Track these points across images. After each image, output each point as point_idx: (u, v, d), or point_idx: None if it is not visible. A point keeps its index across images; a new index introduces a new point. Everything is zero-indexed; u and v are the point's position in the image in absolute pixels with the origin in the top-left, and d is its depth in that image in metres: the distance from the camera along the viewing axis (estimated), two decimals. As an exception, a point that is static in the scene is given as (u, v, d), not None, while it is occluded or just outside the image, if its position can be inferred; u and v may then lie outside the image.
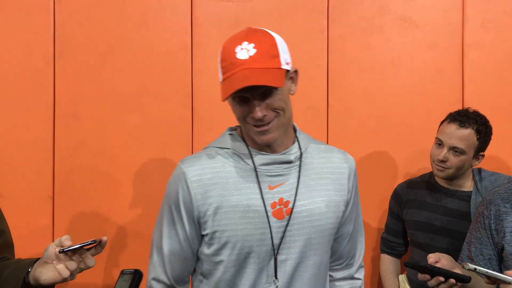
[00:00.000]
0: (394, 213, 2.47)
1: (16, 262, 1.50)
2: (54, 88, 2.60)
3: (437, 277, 1.51)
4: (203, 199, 1.47)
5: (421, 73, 2.72)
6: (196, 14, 2.66)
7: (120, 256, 2.61)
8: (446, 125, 2.24)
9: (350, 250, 1.69)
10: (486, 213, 1.71)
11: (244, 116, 1.44)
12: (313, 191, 1.52)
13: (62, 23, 2.60)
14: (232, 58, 1.39)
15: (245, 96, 1.40)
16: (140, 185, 2.61)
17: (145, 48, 2.63)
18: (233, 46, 1.41)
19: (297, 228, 1.49)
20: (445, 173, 2.22)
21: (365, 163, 2.71)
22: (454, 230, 2.24)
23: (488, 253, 1.70)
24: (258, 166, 1.49)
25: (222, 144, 1.55)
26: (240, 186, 1.47)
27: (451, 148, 2.18)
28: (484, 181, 2.28)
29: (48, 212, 2.58)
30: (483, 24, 2.71)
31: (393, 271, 2.49)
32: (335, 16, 2.70)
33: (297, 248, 1.49)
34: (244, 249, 1.46)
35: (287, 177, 1.51)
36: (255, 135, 1.45)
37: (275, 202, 1.48)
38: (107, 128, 2.61)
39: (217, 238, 1.47)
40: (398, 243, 2.49)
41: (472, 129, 2.18)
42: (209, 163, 1.50)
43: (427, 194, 2.35)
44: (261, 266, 1.48)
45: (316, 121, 2.69)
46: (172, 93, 2.63)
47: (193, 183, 1.47)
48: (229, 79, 1.38)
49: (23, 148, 2.57)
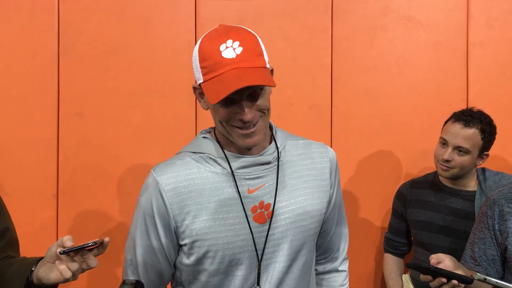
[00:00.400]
0: (397, 213, 2.47)
1: (20, 261, 1.51)
2: (58, 87, 2.60)
3: (439, 278, 1.51)
4: (179, 208, 1.39)
5: (425, 72, 2.71)
6: (200, 14, 2.65)
7: (123, 255, 2.60)
8: (450, 124, 2.23)
9: (333, 244, 1.66)
10: (490, 213, 1.71)
11: (229, 119, 1.35)
12: (294, 191, 1.47)
13: (66, 22, 2.60)
14: (216, 57, 1.30)
15: (232, 98, 1.31)
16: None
17: (149, 47, 2.63)
18: (215, 44, 1.32)
19: (280, 231, 1.43)
20: (449, 173, 2.22)
21: (369, 163, 2.71)
22: (458, 229, 2.23)
23: (492, 253, 1.69)
24: (235, 169, 1.42)
25: (196, 149, 1.47)
26: (217, 192, 1.40)
27: (455, 148, 2.19)
28: (488, 180, 2.27)
29: (52, 211, 2.59)
30: (488, 22, 2.71)
31: (396, 271, 2.49)
32: (339, 15, 2.70)
33: (282, 251, 1.44)
34: (226, 257, 1.40)
35: (266, 178, 1.44)
36: (239, 138, 1.37)
37: (256, 206, 1.42)
38: (111, 127, 2.61)
39: (196, 247, 1.40)
40: (401, 242, 2.49)
41: (476, 129, 2.18)
42: (183, 169, 1.42)
43: (431, 193, 2.35)
44: (247, 273, 1.42)
45: (320, 120, 2.68)
46: (176, 92, 2.63)
47: (168, 192, 1.39)
48: (218, 79, 1.29)
49: (27, 146, 2.57)
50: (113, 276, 2.61)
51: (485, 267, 1.69)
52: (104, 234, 2.60)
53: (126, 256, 1.52)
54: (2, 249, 1.57)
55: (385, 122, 2.70)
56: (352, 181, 2.71)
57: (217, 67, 1.30)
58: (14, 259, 1.56)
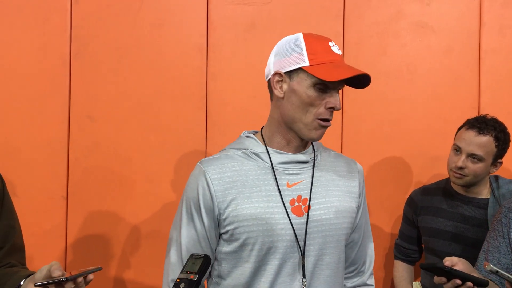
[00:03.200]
0: (408, 220, 2.45)
1: (13, 273, 1.49)
2: (69, 89, 2.61)
3: (454, 280, 1.47)
4: (223, 196, 1.49)
5: (437, 78, 2.70)
6: (212, 18, 2.66)
7: (133, 257, 2.61)
8: (464, 131, 2.21)
9: (361, 257, 1.70)
10: (505, 221, 1.69)
11: (316, 104, 1.46)
12: (328, 191, 1.56)
13: (79, 24, 2.62)
14: (328, 49, 1.47)
15: (329, 86, 1.45)
16: (154, 186, 2.61)
17: (161, 51, 2.64)
18: (323, 40, 1.49)
19: (316, 225, 1.51)
20: (463, 181, 2.20)
21: (379, 169, 2.70)
22: (470, 237, 2.22)
23: (506, 262, 1.67)
24: (275, 164, 1.52)
25: (239, 146, 1.58)
26: (259, 183, 1.50)
27: (469, 155, 2.16)
28: (502, 188, 2.25)
29: (61, 212, 2.59)
30: (501, 29, 2.69)
31: (407, 278, 2.47)
32: (350, 20, 2.69)
33: (316, 245, 1.51)
34: (265, 244, 1.47)
35: (304, 176, 1.54)
36: (314, 128, 1.48)
37: (294, 199, 1.51)
38: (122, 130, 2.62)
39: (237, 234, 1.48)
40: (412, 249, 2.47)
41: (491, 136, 2.15)
42: (228, 162, 1.53)
43: (443, 201, 2.33)
44: (281, 262, 1.48)
45: (331, 127, 2.63)
46: (187, 95, 2.63)
47: (214, 181, 1.49)
48: (334, 64, 1.45)
49: (37, 148, 2.58)
50: (121, 278, 2.61)
51: (499, 275, 1.67)
52: (113, 236, 2.60)
53: (169, 249, 1.58)
54: (4, 256, 1.55)
55: (396, 128, 2.69)
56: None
57: (328, 56, 1.46)
58: (9, 270, 1.53)
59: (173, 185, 2.61)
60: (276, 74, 1.50)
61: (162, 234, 2.52)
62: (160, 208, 2.60)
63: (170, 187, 2.61)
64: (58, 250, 2.59)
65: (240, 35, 2.66)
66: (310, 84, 1.45)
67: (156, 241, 2.58)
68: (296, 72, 1.47)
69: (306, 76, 1.45)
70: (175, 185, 2.61)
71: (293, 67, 1.47)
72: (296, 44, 1.49)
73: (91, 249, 2.60)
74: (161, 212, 2.60)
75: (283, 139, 1.54)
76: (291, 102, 1.48)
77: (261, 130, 1.61)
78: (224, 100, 2.64)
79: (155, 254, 2.57)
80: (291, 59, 1.48)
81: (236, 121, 2.62)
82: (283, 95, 1.50)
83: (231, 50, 2.66)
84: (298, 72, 1.47)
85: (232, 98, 2.65)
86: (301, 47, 1.47)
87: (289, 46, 1.50)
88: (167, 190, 2.61)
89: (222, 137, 2.59)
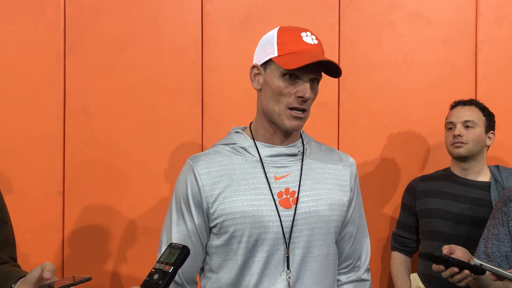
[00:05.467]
0: (407, 207, 2.46)
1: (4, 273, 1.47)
2: (64, 84, 2.60)
3: (451, 268, 1.50)
4: (211, 190, 1.51)
5: (433, 69, 2.70)
6: (207, 10, 2.64)
7: (130, 251, 2.61)
8: (451, 111, 2.38)
9: (355, 252, 1.69)
10: (505, 209, 1.70)
11: (286, 94, 1.47)
12: (317, 184, 1.56)
13: (73, 18, 2.60)
14: (298, 39, 1.48)
15: (298, 75, 1.46)
16: (150, 181, 2.60)
17: (156, 44, 2.62)
18: (296, 31, 1.50)
19: (304, 218, 1.51)
20: (464, 149, 2.28)
21: (376, 160, 2.70)
22: (475, 216, 2.23)
23: (505, 250, 1.68)
24: (264, 157, 1.54)
25: (227, 141, 1.60)
26: (247, 176, 1.52)
27: (463, 124, 2.29)
28: (504, 172, 2.32)
29: (58, 208, 2.58)
30: (497, 20, 2.69)
31: (404, 269, 2.47)
32: (346, 12, 2.68)
33: (304, 237, 1.51)
34: (252, 236, 1.48)
35: (292, 168, 1.56)
36: (287, 119, 1.49)
37: (282, 192, 1.52)
38: (117, 124, 2.60)
39: (225, 227, 1.50)
40: (410, 238, 2.47)
41: (475, 107, 2.33)
42: (216, 157, 1.55)
43: (443, 184, 2.36)
44: (269, 254, 1.49)
45: (328, 118, 2.67)
46: (182, 89, 2.62)
47: (202, 175, 1.52)
48: (298, 54, 1.45)
49: (33, 144, 2.57)
50: (118, 273, 2.61)
51: (499, 263, 1.68)
52: (109, 231, 2.59)
53: (160, 245, 1.60)
54: None
55: (393, 119, 2.69)
56: (359, 179, 2.68)
57: (298, 45, 1.47)
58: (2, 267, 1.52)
59: (169, 179, 2.60)
60: (254, 67, 1.55)
61: (159, 229, 2.47)
62: (157, 203, 2.60)
63: (167, 182, 2.60)
64: (55, 246, 2.58)
65: (236, 27, 2.65)
66: (279, 75, 1.47)
67: (153, 235, 2.57)
68: (268, 64, 1.51)
69: (275, 67, 1.48)
70: (172, 179, 2.59)
71: (265, 58, 1.50)
72: (270, 37, 1.52)
73: (88, 244, 2.59)
74: (158, 206, 2.59)
75: (267, 131, 1.56)
76: (265, 93, 1.52)
77: (250, 125, 1.63)
78: (220, 94, 2.63)
79: (151, 248, 2.55)
80: (264, 52, 1.52)
81: (232, 115, 2.61)
82: (260, 87, 1.54)
83: (227, 43, 2.65)
84: (270, 64, 1.50)
85: (228, 91, 2.64)
86: (273, 39, 1.50)
87: (266, 39, 1.54)
88: (163, 185, 2.60)
89: (218, 131, 2.57)
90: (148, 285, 1.17)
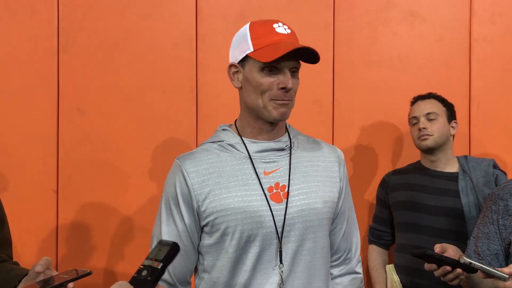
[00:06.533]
0: (381, 200, 2.52)
1: (6, 272, 1.47)
2: (58, 82, 2.59)
3: (444, 267, 1.50)
4: (201, 188, 1.49)
5: (428, 67, 2.70)
6: (201, 8, 2.64)
7: (126, 249, 2.60)
8: (412, 106, 2.44)
9: (346, 244, 1.69)
10: (495, 208, 1.70)
11: (271, 87, 1.47)
12: (306, 177, 1.56)
13: (66, 16, 2.59)
14: (270, 31, 1.48)
15: (277, 67, 1.46)
16: (144, 179, 2.60)
17: (150, 42, 2.62)
18: (268, 24, 1.50)
19: (296, 211, 1.51)
20: (430, 140, 2.33)
21: (370, 158, 2.70)
22: (442, 206, 2.29)
23: (495, 248, 1.69)
24: (252, 153, 1.54)
25: (214, 139, 1.60)
26: (235, 173, 1.51)
27: (425, 117, 2.35)
28: (471, 162, 2.38)
29: (52, 206, 2.57)
30: (491, 18, 2.69)
31: (381, 262, 2.51)
32: (341, 10, 2.68)
33: (297, 230, 1.51)
34: (245, 232, 1.47)
35: (281, 163, 1.55)
36: (273, 109, 1.48)
37: (272, 187, 1.51)
38: (111, 122, 2.60)
39: (217, 225, 1.48)
40: (385, 232, 2.52)
41: (434, 99, 2.40)
42: (204, 155, 1.55)
43: (414, 177, 2.42)
44: (261, 249, 1.49)
45: (322, 116, 2.67)
46: (176, 87, 2.62)
47: (190, 174, 1.51)
48: (273, 46, 1.44)
49: (27, 142, 2.56)
50: (113, 271, 2.60)
51: (489, 261, 1.68)
52: (104, 229, 2.58)
53: (151, 246, 1.59)
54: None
55: (387, 117, 2.69)
56: (353, 177, 2.69)
57: (271, 37, 1.47)
58: (2, 265, 1.52)
59: (163, 177, 2.55)
60: (231, 66, 1.55)
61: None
62: (151, 200, 2.59)
63: (161, 179, 2.56)
64: (50, 244, 2.57)
65: (230, 25, 2.64)
66: (258, 69, 1.47)
67: (148, 233, 2.53)
68: (246, 61, 1.50)
69: (253, 62, 1.48)
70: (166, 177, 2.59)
71: (242, 55, 1.50)
72: (243, 34, 1.52)
73: (83, 243, 2.59)
74: (152, 204, 2.58)
75: (254, 128, 1.56)
76: (247, 90, 1.51)
77: (235, 122, 1.63)
78: (214, 92, 2.63)
79: (146, 246, 2.52)
80: (240, 49, 1.51)
81: (226, 113, 2.60)
82: (240, 85, 1.54)
83: (221, 41, 2.64)
84: (248, 60, 1.50)
85: (222, 89, 2.62)
86: (247, 35, 1.50)
87: (239, 36, 1.53)
88: (157, 182, 2.59)
89: (212, 129, 2.51)
90: (136, 281, 1.15)
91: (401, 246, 2.38)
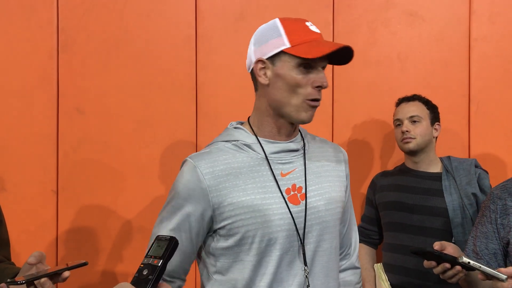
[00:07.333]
0: (369, 201, 2.57)
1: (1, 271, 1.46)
2: (57, 82, 2.59)
3: (443, 264, 1.50)
4: (218, 190, 1.44)
5: (427, 67, 2.70)
6: (201, 8, 2.64)
7: (124, 251, 2.60)
8: (397, 107, 2.48)
9: (347, 240, 1.71)
10: (493, 207, 1.70)
11: (303, 85, 1.45)
12: (320, 177, 1.55)
13: (66, 16, 2.59)
14: (305, 28, 1.46)
15: (312, 65, 1.44)
16: (144, 179, 2.60)
17: (149, 42, 2.62)
18: (300, 21, 1.48)
19: (313, 213, 1.50)
20: (413, 144, 2.38)
21: (370, 158, 2.70)
22: (426, 206, 2.34)
23: (494, 247, 1.69)
24: (268, 154, 1.50)
25: (228, 138, 1.54)
26: (253, 175, 1.47)
27: (408, 120, 2.40)
28: (454, 162, 2.42)
29: (52, 207, 2.57)
30: (491, 17, 2.69)
31: (369, 261, 2.54)
32: (340, 10, 2.68)
33: (315, 232, 1.50)
34: (265, 236, 1.44)
35: (296, 164, 1.53)
36: (303, 110, 1.47)
37: (289, 189, 1.49)
38: (111, 123, 2.60)
39: (235, 228, 1.44)
40: (373, 231, 2.56)
41: (419, 101, 2.43)
42: (219, 155, 1.49)
43: (399, 178, 2.47)
44: (282, 252, 1.46)
45: (321, 116, 2.65)
46: (176, 87, 2.62)
47: (206, 175, 1.45)
48: (314, 43, 1.43)
49: (26, 142, 2.56)
50: (115, 272, 2.60)
51: (487, 260, 1.69)
52: (104, 229, 2.59)
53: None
54: None
55: (387, 117, 2.68)
56: (353, 177, 2.68)
57: (308, 35, 1.45)
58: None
59: (163, 177, 2.60)
60: (258, 61, 1.48)
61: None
62: (151, 201, 2.59)
63: (161, 179, 2.60)
64: (49, 245, 2.57)
65: (230, 25, 2.64)
66: (294, 66, 1.44)
67: (147, 234, 2.53)
68: (278, 56, 1.46)
69: (288, 58, 1.44)
70: (166, 177, 2.60)
71: (274, 51, 1.45)
72: (274, 29, 1.47)
73: (82, 244, 2.59)
74: (152, 205, 2.58)
75: (274, 127, 1.52)
76: (277, 87, 1.46)
77: (248, 121, 1.58)
78: (214, 91, 2.63)
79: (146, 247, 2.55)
80: (271, 44, 1.46)
81: (226, 112, 2.61)
82: (268, 82, 1.48)
83: (220, 41, 2.64)
84: (280, 56, 1.45)
85: (222, 89, 2.63)
86: (280, 31, 1.46)
87: (267, 32, 1.48)
88: (157, 183, 2.59)
89: (212, 129, 2.57)
90: (138, 281, 1.14)
91: (389, 245, 2.42)
